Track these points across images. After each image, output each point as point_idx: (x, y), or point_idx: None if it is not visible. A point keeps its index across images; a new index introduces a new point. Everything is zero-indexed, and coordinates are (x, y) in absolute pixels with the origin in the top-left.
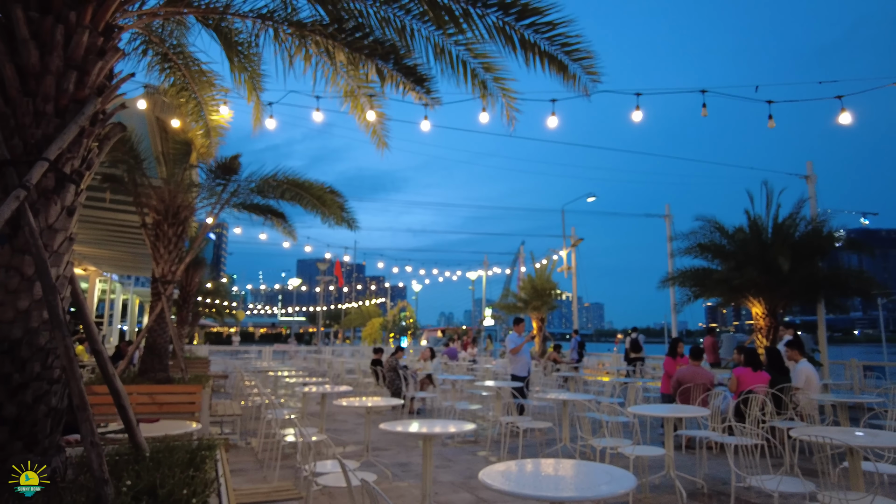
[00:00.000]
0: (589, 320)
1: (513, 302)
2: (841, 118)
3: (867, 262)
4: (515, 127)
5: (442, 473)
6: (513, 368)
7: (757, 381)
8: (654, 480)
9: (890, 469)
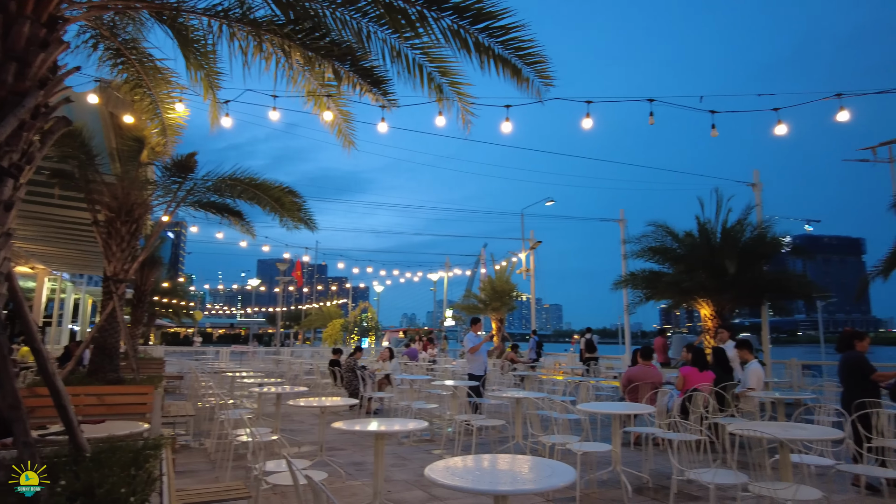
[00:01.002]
0: (548, 321)
1: (473, 303)
2: (777, 129)
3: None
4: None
5: (396, 472)
6: (470, 367)
7: (702, 379)
8: (602, 476)
9: (816, 460)
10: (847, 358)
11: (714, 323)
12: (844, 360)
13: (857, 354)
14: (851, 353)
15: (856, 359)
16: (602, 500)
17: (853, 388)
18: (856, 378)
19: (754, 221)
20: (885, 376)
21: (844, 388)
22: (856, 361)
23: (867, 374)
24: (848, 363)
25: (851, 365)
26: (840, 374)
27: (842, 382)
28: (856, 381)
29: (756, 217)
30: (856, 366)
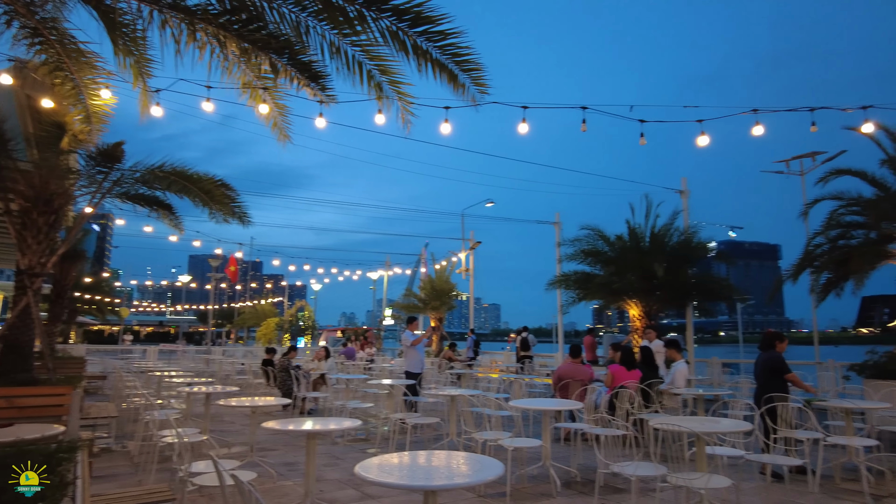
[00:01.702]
0: (487, 320)
1: (414, 302)
2: (700, 140)
3: (733, 271)
4: (417, 131)
5: (329, 471)
6: (407, 365)
7: (630, 377)
8: (532, 471)
9: (728, 451)
10: (768, 357)
11: (642, 323)
12: (765, 358)
13: (776, 354)
14: (772, 352)
15: (775, 358)
16: (532, 495)
17: (766, 385)
18: (771, 375)
19: (681, 227)
20: (798, 382)
21: (759, 384)
22: (775, 361)
23: (783, 373)
24: (768, 362)
25: (771, 363)
26: (757, 370)
27: (756, 378)
28: (771, 377)
29: (683, 222)
30: (775, 364)
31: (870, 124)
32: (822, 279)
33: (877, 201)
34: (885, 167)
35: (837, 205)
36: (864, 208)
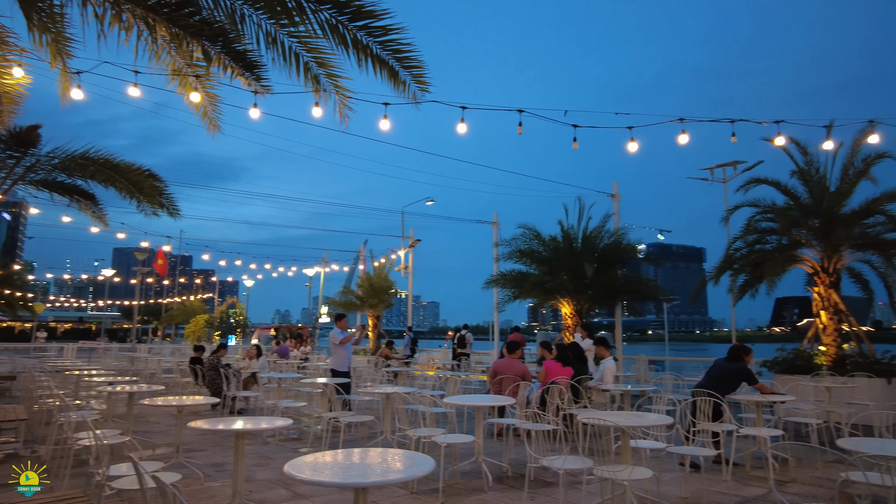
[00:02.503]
0: (425, 318)
1: (351, 300)
2: (630, 146)
3: (661, 273)
4: (357, 126)
5: (260, 471)
6: (333, 363)
7: (563, 373)
8: (465, 467)
9: (651, 444)
10: (740, 368)
11: (574, 321)
12: (737, 368)
13: (746, 367)
14: (742, 364)
15: (746, 371)
16: (464, 490)
17: (720, 388)
18: (735, 383)
19: (612, 229)
20: (766, 389)
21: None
22: (746, 372)
23: (753, 383)
24: (740, 372)
25: (742, 374)
26: (719, 373)
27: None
28: (730, 384)
29: (614, 225)
30: (745, 376)
31: (782, 137)
32: (739, 281)
33: (787, 209)
34: (795, 178)
35: (754, 212)
36: (777, 215)
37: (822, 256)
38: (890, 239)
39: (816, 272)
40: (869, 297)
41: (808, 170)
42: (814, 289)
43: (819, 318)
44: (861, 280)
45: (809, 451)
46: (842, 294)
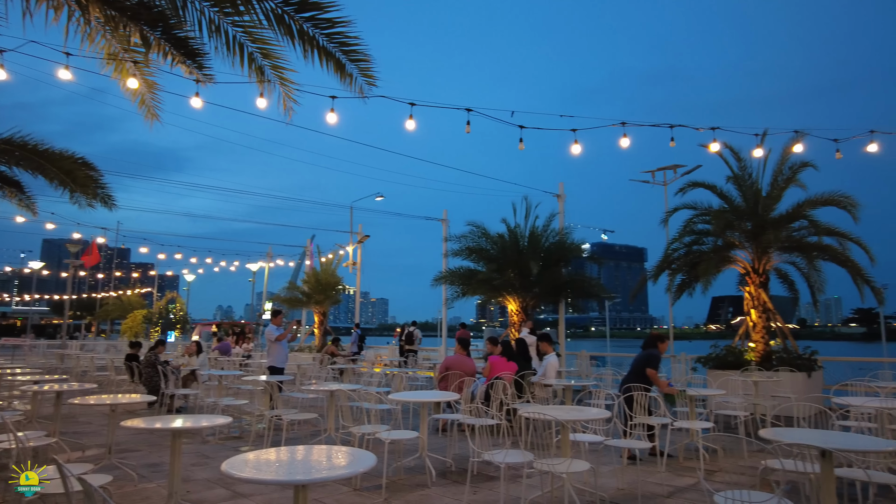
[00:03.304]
0: (374, 315)
1: (297, 296)
2: (574, 149)
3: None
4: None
5: (199, 471)
6: (271, 360)
7: (507, 368)
8: (409, 462)
9: (590, 438)
10: (648, 353)
11: (520, 317)
12: (645, 354)
13: (654, 352)
14: (652, 350)
15: (651, 354)
16: (408, 486)
17: (636, 377)
18: (642, 368)
19: (557, 228)
20: (656, 379)
21: (630, 376)
22: (649, 355)
23: (647, 367)
24: (647, 357)
25: (646, 357)
26: (635, 366)
27: (636, 374)
28: (641, 371)
29: (559, 224)
30: (648, 359)
31: (717, 143)
32: (677, 280)
33: (722, 212)
34: (730, 183)
35: (692, 214)
36: (713, 218)
37: (753, 258)
38: (812, 242)
39: (748, 272)
40: (795, 296)
41: (742, 175)
42: (745, 288)
43: (749, 316)
44: (787, 280)
45: (737, 442)
46: (770, 293)
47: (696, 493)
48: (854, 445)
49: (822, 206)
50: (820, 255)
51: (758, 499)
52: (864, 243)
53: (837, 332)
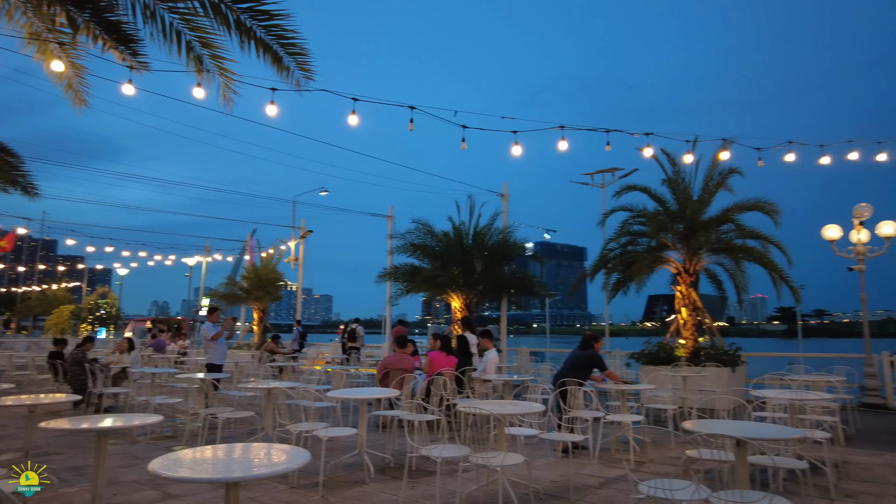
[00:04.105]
0: (317, 312)
1: (235, 292)
2: (514, 150)
3: (547, 270)
4: (246, 110)
5: (127, 473)
6: (210, 357)
7: (447, 364)
8: (348, 459)
9: (525, 431)
10: (590, 354)
11: (462, 314)
12: (588, 355)
13: (596, 353)
14: (592, 351)
15: (596, 357)
16: (346, 483)
17: (574, 374)
18: (587, 370)
19: (501, 227)
20: (614, 376)
21: (566, 372)
22: (596, 358)
23: (602, 369)
24: (591, 359)
25: (592, 360)
26: (572, 362)
27: (571, 369)
28: (583, 370)
29: (502, 223)
30: (595, 362)
31: (650, 148)
32: (613, 279)
33: (656, 215)
34: (664, 186)
35: (628, 215)
36: (648, 220)
37: (684, 258)
38: (738, 245)
39: (679, 272)
40: (723, 295)
41: (675, 179)
42: (677, 287)
43: (680, 315)
44: (716, 280)
45: (665, 434)
46: (700, 293)
47: (626, 483)
48: (766, 434)
49: (747, 210)
50: (745, 256)
51: (678, 486)
52: (784, 247)
53: (762, 329)
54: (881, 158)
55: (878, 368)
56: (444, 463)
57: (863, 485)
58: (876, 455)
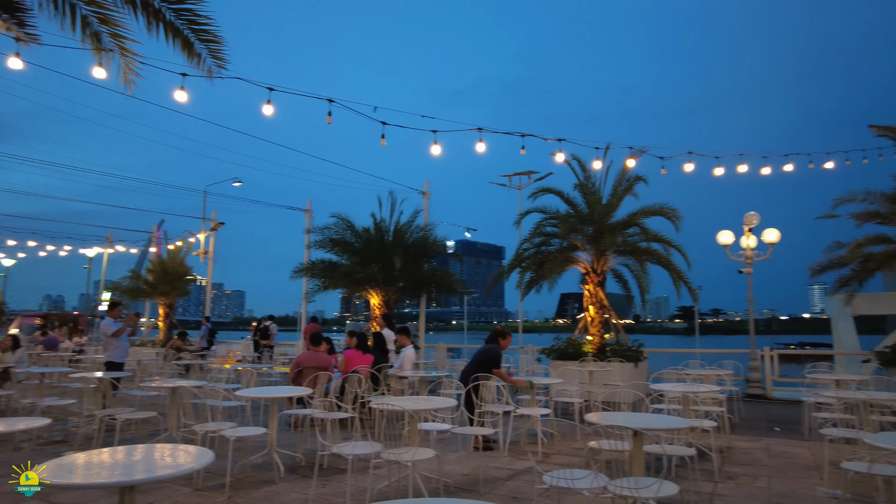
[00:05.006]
0: (229, 308)
1: (140, 286)
2: (433, 149)
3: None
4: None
5: (5, 483)
6: (110, 355)
7: (363, 362)
8: (257, 459)
9: (437, 427)
10: (490, 349)
11: (381, 311)
12: (487, 349)
13: (497, 350)
14: (494, 346)
15: (494, 353)
16: (254, 483)
17: (479, 370)
18: (487, 364)
19: (422, 224)
20: (503, 376)
21: (472, 367)
22: (493, 355)
23: (494, 367)
24: (490, 353)
25: (490, 355)
26: (478, 357)
27: (477, 365)
28: (484, 364)
29: (424, 220)
30: (492, 358)
31: (561, 154)
32: (526, 277)
33: (568, 217)
34: (576, 190)
35: (542, 217)
36: (560, 222)
37: (592, 259)
38: (643, 247)
39: (588, 272)
40: (629, 294)
41: (586, 184)
42: (585, 286)
43: (588, 312)
44: (622, 280)
45: (572, 427)
46: (607, 292)
47: (533, 474)
48: (660, 425)
49: (652, 215)
50: (648, 258)
51: (579, 476)
52: (684, 250)
53: (665, 327)
54: (765, 172)
55: (761, 362)
56: (355, 460)
57: (742, 467)
58: (754, 440)
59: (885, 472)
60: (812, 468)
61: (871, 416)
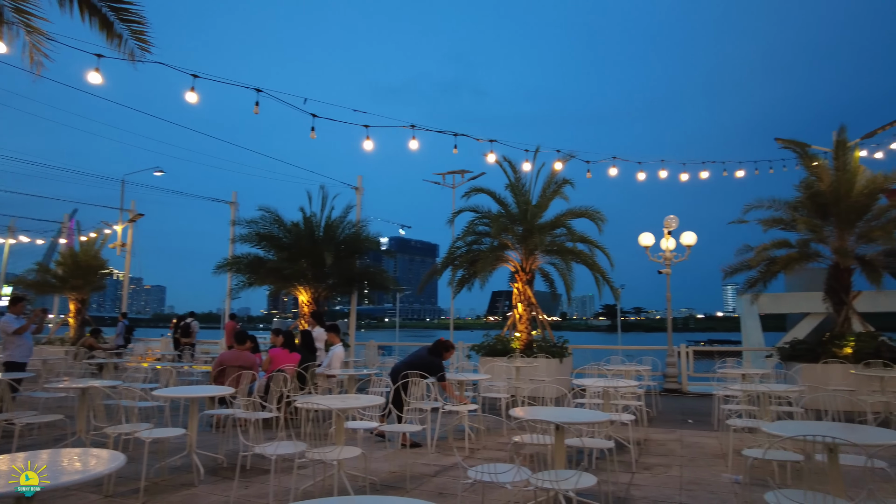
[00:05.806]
0: (148, 304)
1: (47, 280)
2: (366, 144)
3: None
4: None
5: None
6: (12, 354)
7: (289, 360)
8: (176, 462)
9: (364, 425)
10: (435, 361)
11: (310, 308)
12: (431, 360)
13: (440, 362)
14: (439, 360)
15: (439, 365)
16: (171, 486)
17: (417, 369)
18: (428, 371)
19: (354, 220)
20: (450, 390)
21: (409, 368)
22: (438, 366)
23: (440, 379)
24: (434, 364)
25: (436, 367)
26: (418, 362)
27: (412, 367)
28: (424, 371)
29: (356, 216)
30: (436, 369)
31: (493, 154)
32: (458, 275)
33: (499, 217)
34: (507, 190)
35: (474, 216)
36: (491, 221)
37: (521, 258)
38: (569, 247)
39: (517, 271)
40: (555, 292)
41: (517, 185)
42: (514, 285)
43: (517, 309)
44: (549, 279)
45: (498, 422)
46: (535, 290)
47: (460, 470)
48: (581, 419)
49: (578, 217)
50: (574, 258)
51: (502, 470)
52: (608, 251)
53: (590, 324)
54: (684, 178)
55: (677, 359)
56: (279, 460)
57: (658, 458)
58: (670, 432)
59: (778, 458)
60: (719, 456)
61: (770, 407)
